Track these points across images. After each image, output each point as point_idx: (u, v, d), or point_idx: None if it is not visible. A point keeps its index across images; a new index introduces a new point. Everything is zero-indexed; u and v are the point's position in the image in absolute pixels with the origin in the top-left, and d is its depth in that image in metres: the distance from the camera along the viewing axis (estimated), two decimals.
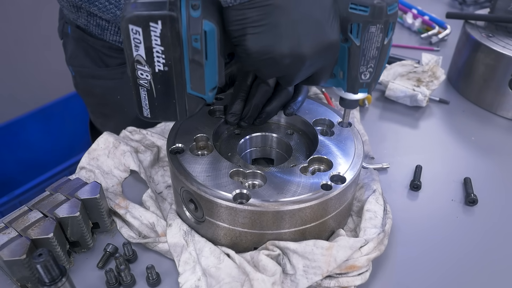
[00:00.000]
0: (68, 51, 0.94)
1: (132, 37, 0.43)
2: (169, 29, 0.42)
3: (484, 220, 0.65)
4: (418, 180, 0.71)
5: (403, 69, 0.95)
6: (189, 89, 0.48)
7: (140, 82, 0.47)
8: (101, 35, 0.84)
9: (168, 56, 0.45)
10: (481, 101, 0.92)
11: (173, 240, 0.57)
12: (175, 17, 0.42)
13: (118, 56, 0.87)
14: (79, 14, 0.83)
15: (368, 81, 0.53)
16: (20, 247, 0.49)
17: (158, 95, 0.48)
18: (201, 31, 0.44)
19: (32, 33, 1.90)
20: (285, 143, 0.65)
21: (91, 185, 0.59)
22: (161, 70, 0.46)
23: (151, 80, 0.47)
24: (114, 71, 0.89)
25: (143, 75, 0.46)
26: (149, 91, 0.48)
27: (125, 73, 0.88)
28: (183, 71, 0.46)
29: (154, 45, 0.44)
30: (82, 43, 0.88)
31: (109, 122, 1.02)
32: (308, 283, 0.51)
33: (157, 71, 0.46)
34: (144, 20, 0.42)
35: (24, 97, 1.91)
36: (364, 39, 0.49)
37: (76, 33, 0.88)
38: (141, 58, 0.45)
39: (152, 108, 0.49)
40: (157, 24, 0.42)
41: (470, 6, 1.43)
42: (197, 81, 0.48)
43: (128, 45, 0.44)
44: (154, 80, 0.47)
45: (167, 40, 0.43)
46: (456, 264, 0.58)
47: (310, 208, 0.51)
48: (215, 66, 0.48)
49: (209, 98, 0.51)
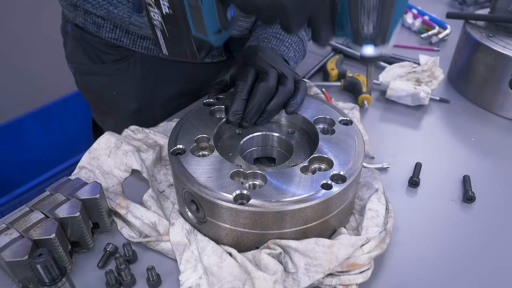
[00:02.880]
0: (67, 49, 0.97)
1: None
2: None
3: (483, 218, 0.65)
4: (417, 176, 0.71)
5: (402, 70, 0.95)
6: (193, 31, 0.53)
7: (154, 23, 0.53)
8: (98, 33, 0.87)
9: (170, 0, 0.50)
10: (481, 101, 0.93)
11: (175, 238, 0.57)
12: None
13: (113, 52, 0.90)
14: (77, 13, 0.86)
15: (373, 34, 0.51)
16: (22, 248, 0.49)
17: (170, 35, 0.54)
18: None
19: (32, 33, 1.90)
20: (286, 142, 0.65)
21: (91, 185, 0.59)
22: (167, 13, 0.51)
23: (162, 21, 0.53)
24: (110, 67, 0.91)
25: (155, 16, 0.53)
26: (162, 31, 0.54)
27: (120, 69, 0.91)
28: (185, 14, 0.51)
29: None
30: (80, 40, 0.91)
31: (107, 118, 1.04)
32: (309, 281, 0.51)
33: (164, 14, 0.52)
34: None
35: (24, 97, 1.91)
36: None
37: (75, 31, 0.91)
38: (151, 1, 0.51)
39: (168, 46, 0.56)
40: None
41: (470, 6, 1.43)
42: (198, 24, 0.52)
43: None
44: (164, 21, 0.53)
45: None
46: (456, 261, 0.58)
47: (311, 207, 0.51)
48: (213, 9, 0.52)
49: (213, 41, 0.55)
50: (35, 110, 1.86)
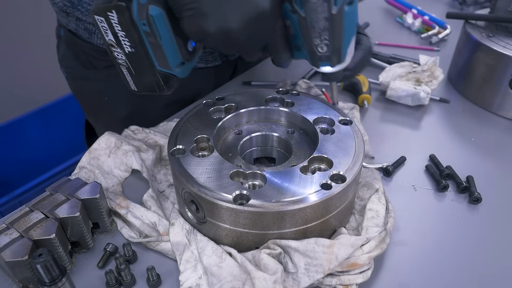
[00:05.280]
0: (60, 53, 0.98)
1: (100, 25, 0.50)
2: (122, 16, 0.48)
3: (486, 218, 0.65)
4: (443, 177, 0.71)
5: (402, 70, 0.95)
6: (157, 66, 0.54)
7: (119, 62, 0.54)
8: (89, 39, 0.87)
9: (131, 39, 0.50)
10: (481, 101, 0.92)
11: (175, 239, 0.57)
12: (124, 6, 0.47)
13: (104, 58, 0.90)
14: (69, 19, 0.86)
15: (327, 54, 0.52)
16: (22, 248, 0.49)
17: (136, 72, 0.54)
18: (147, 16, 0.48)
19: (32, 33, 1.90)
20: (286, 142, 0.65)
21: (91, 185, 0.59)
22: (130, 51, 0.52)
23: (126, 60, 0.53)
24: (101, 73, 0.92)
25: (119, 56, 0.53)
26: (128, 68, 0.54)
27: (111, 75, 0.91)
28: (147, 51, 0.52)
29: (117, 31, 0.50)
30: (72, 45, 0.91)
31: (99, 122, 1.05)
32: (309, 281, 0.51)
33: (127, 52, 0.52)
34: (103, 11, 0.48)
35: (23, 97, 1.91)
36: (308, 10, 0.48)
37: (68, 36, 0.91)
38: (112, 42, 0.51)
39: (135, 82, 0.56)
40: (112, 13, 0.48)
41: (470, 6, 1.43)
42: (160, 59, 0.53)
43: (100, 32, 0.51)
44: (128, 60, 0.53)
45: (124, 26, 0.49)
46: (456, 261, 0.58)
47: (311, 207, 0.51)
48: (173, 45, 0.52)
49: (178, 73, 0.55)
50: (35, 110, 1.86)
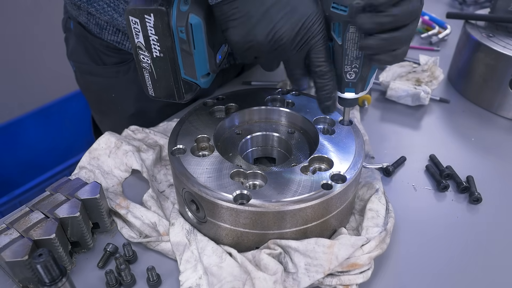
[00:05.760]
0: (69, 46, 0.96)
1: (132, 27, 0.50)
2: (160, 21, 0.49)
3: (486, 218, 0.65)
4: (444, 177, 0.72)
5: (402, 70, 0.95)
6: (183, 74, 0.55)
7: (143, 65, 0.54)
8: (100, 34, 0.86)
9: (162, 44, 0.51)
10: (481, 101, 0.92)
11: (175, 239, 0.57)
12: (164, 11, 0.48)
13: (114, 55, 0.89)
14: (80, 12, 0.85)
15: (354, 81, 0.54)
16: (22, 248, 0.49)
17: (158, 77, 0.55)
18: (186, 23, 0.50)
19: (32, 33, 1.90)
20: (286, 142, 0.65)
21: (91, 185, 0.59)
22: (158, 56, 0.52)
23: (151, 64, 0.53)
24: (110, 70, 0.91)
25: (144, 59, 0.53)
26: (151, 73, 0.55)
27: (120, 72, 0.90)
28: (176, 58, 0.53)
29: (150, 34, 0.50)
30: (82, 39, 0.90)
31: (105, 119, 1.04)
32: (310, 281, 0.51)
33: (155, 57, 0.52)
34: (140, 13, 0.49)
35: (23, 97, 1.91)
36: (345, 39, 0.50)
37: (78, 29, 0.90)
38: (141, 44, 0.52)
39: (155, 88, 0.56)
40: (150, 16, 0.49)
41: (470, 6, 1.42)
42: (188, 68, 0.54)
43: (130, 33, 0.51)
44: (154, 64, 0.53)
45: (159, 30, 0.50)
46: (456, 261, 0.58)
47: (311, 207, 0.51)
48: (204, 55, 0.54)
49: (202, 83, 0.56)
50: (35, 110, 1.86)
